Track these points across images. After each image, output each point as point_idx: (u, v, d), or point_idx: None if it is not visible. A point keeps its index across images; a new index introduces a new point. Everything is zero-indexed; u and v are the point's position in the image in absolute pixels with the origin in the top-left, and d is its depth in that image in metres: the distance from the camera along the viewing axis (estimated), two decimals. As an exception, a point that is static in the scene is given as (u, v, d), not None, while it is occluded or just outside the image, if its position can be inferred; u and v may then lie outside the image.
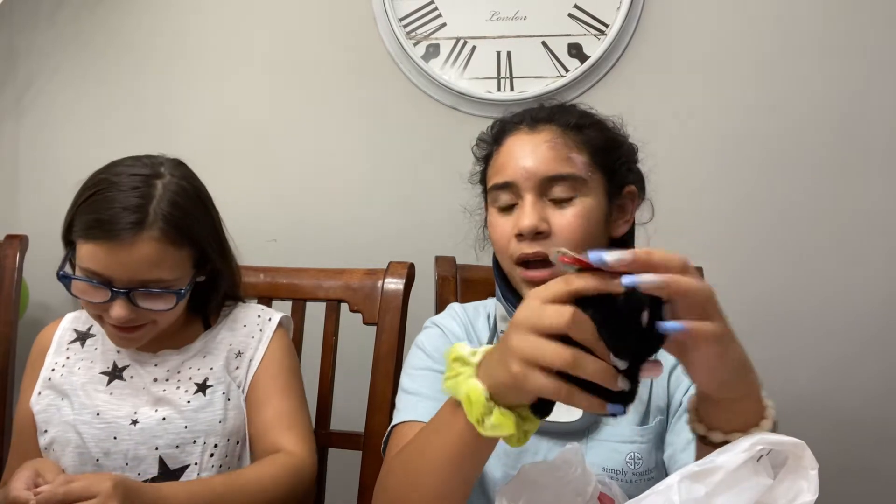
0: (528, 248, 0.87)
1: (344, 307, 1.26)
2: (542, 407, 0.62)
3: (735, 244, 1.57)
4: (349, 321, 1.26)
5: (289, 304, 1.27)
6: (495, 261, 0.98)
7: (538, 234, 0.87)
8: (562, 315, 0.56)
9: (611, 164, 0.93)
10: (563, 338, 0.56)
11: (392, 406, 0.97)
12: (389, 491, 0.78)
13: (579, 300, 0.57)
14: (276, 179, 1.66)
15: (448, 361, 0.68)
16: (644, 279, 0.55)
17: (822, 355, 1.56)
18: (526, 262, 0.89)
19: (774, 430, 0.65)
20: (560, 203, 0.88)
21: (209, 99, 1.67)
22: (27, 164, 1.71)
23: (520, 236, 0.88)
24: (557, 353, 0.56)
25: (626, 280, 0.55)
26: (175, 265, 0.96)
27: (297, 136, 1.65)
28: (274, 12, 1.64)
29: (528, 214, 0.87)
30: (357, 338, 1.26)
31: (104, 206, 0.93)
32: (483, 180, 1.00)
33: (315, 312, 1.26)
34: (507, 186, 0.90)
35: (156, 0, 1.66)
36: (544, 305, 0.58)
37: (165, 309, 0.97)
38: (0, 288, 1.28)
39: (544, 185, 0.88)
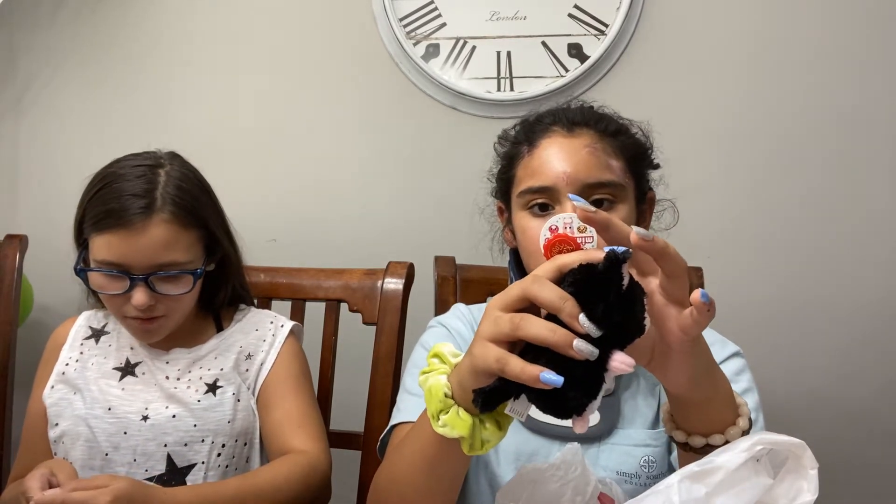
0: None
1: (343, 307, 1.26)
2: (487, 395, 0.57)
3: (736, 244, 1.57)
4: (349, 321, 1.26)
5: (289, 303, 1.27)
6: (515, 261, 0.96)
7: None
8: (523, 282, 0.57)
9: (640, 171, 0.93)
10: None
11: (392, 405, 0.96)
12: (378, 490, 0.79)
13: (567, 276, 0.57)
14: (276, 179, 1.66)
15: (428, 357, 0.68)
16: (635, 229, 0.53)
17: (824, 353, 1.56)
18: None
19: (750, 427, 0.66)
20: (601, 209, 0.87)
21: (209, 98, 1.66)
22: (27, 164, 1.71)
23: None
24: (508, 318, 0.56)
25: (608, 247, 0.55)
26: (188, 246, 0.99)
27: (296, 136, 1.65)
28: (274, 12, 1.64)
29: None
30: (356, 338, 1.26)
31: (113, 196, 0.96)
32: (503, 178, 0.97)
33: (315, 312, 1.26)
34: (544, 190, 0.87)
35: (156, 0, 1.66)
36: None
37: (184, 291, 0.99)
38: (0, 288, 1.28)
39: (584, 192, 0.85)
